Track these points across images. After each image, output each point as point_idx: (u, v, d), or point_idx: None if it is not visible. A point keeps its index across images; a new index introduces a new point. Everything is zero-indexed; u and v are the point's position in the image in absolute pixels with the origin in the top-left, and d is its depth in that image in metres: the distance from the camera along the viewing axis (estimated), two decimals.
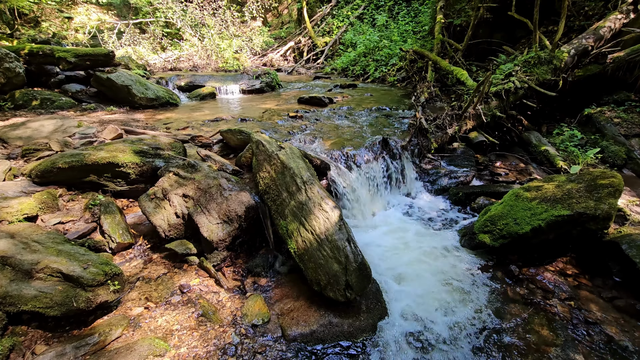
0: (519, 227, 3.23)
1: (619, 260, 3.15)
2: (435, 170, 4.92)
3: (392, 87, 8.69)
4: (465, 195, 4.39)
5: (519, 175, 5.04)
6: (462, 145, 5.44)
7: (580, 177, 3.52)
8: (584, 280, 3.17)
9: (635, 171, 5.00)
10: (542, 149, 5.37)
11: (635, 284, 2.94)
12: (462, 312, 2.80)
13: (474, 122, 5.59)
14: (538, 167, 5.25)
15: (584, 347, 2.50)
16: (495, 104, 5.68)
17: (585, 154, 5.01)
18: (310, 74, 11.60)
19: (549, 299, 2.94)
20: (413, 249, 3.54)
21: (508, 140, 6.07)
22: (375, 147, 4.57)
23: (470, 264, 3.35)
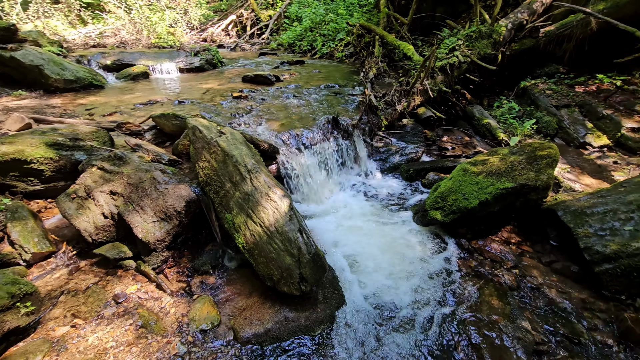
0: (468, 202, 3.29)
1: (556, 226, 3.36)
2: (387, 148, 4.89)
3: (341, 63, 8.48)
4: (415, 172, 4.42)
5: (464, 149, 5.19)
6: (411, 122, 5.45)
7: (521, 149, 3.65)
8: (526, 248, 3.34)
9: (565, 140, 5.39)
10: (485, 122, 5.57)
11: (570, 247, 3.15)
12: (419, 291, 2.81)
13: (421, 98, 5.61)
14: (481, 139, 5.45)
15: (529, 313, 2.63)
16: (441, 79, 5.74)
17: (522, 126, 5.28)
18: (255, 50, 10.95)
19: (496, 269, 3.05)
20: (368, 230, 3.49)
21: (453, 114, 6.22)
22: (326, 127, 4.38)
23: (424, 241, 3.37)
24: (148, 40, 9.53)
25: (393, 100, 5.28)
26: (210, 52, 8.19)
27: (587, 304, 2.71)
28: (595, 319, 2.59)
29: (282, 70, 7.70)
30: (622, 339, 2.43)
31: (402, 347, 2.38)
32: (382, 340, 2.43)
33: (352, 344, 2.39)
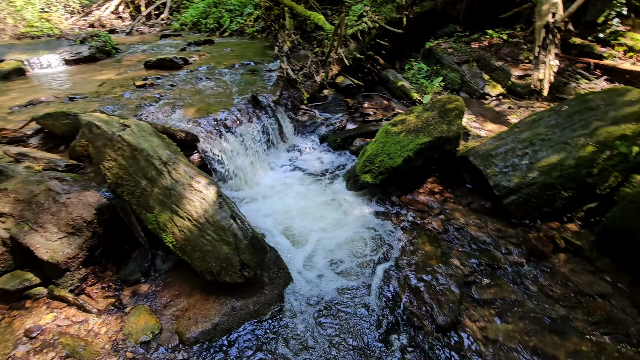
0: (393, 160, 3.46)
1: (469, 170, 3.72)
2: (312, 121, 4.87)
3: (253, 40, 8.09)
4: (343, 141, 4.50)
5: (385, 112, 5.42)
6: (332, 92, 5.49)
7: (433, 105, 3.91)
8: (447, 194, 3.66)
9: (468, 92, 5.94)
10: (399, 84, 5.85)
11: (482, 187, 3.52)
12: (360, 251, 2.92)
13: (338, 67, 5.65)
14: (398, 101, 5.74)
15: (457, 251, 2.92)
16: (354, 46, 5.82)
17: (432, 84, 5.67)
18: (155, 32, 9.87)
19: (425, 218, 3.30)
20: (304, 204, 3.49)
21: (370, 80, 6.41)
22: (247, 107, 4.18)
23: (359, 205, 3.49)
24: (16, 30, 7.97)
25: (311, 72, 5.23)
26: (100, 38, 7.16)
27: (501, 233, 3.09)
28: (508, 244, 2.97)
29: (190, 52, 7.08)
30: (530, 256, 2.84)
31: (352, 308, 2.48)
32: (332, 307, 2.49)
33: (304, 317, 2.41)
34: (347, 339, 2.28)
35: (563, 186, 3.10)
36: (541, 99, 5.17)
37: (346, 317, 2.41)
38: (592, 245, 2.89)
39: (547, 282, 2.63)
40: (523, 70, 5.71)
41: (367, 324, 2.37)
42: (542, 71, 4.60)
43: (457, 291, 2.49)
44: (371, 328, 2.34)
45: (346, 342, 2.27)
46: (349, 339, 2.28)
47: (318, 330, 2.33)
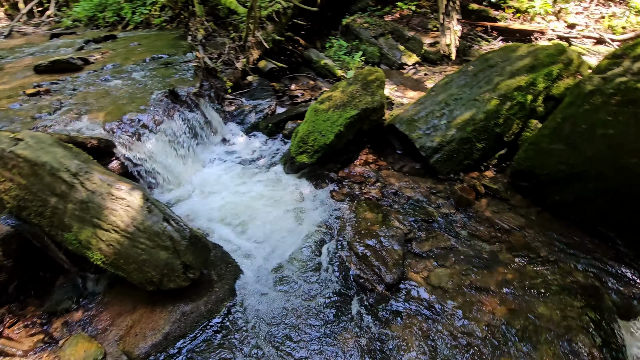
0: (326, 137, 3.51)
1: (398, 137, 3.93)
2: (240, 110, 4.71)
3: (162, 31, 7.47)
4: (274, 125, 4.43)
5: (312, 92, 5.43)
6: (256, 78, 5.34)
7: (355, 78, 4.01)
8: (381, 162, 3.84)
9: (388, 64, 6.20)
10: (322, 63, 5.89)
11: (411, 151, 3.74)
12: (306, 231, 2.96)
13: (259, 51, 5.49)
14: (324, 80, 5.79)
15: (395, 213, 3.09)
16: (272, 28, 5.69)
17: (353, 59, 5.80)
18: (42, 32, 8.60)
19: (364, 188, 3.44)
20: (243, 195, 3.40)
21: (294, 62, 6.35)
22: (166, 104, 3.89)
23: (299, 187, 3.50)
24: None
25: (230, 58, 5.01)
26: None
27: (431, 190, 3.35)
28: (439, 199, 3.23)
29: (89, 50, 6.31)
30: (458, 206, 3.13)
31: (305, 286, 2.52)
32: (285, 290, 2.50)
33: (259, 306, 2.39)
34: (305, 318, 2.32)
35: (477, 139, 3.43)
36: (451, 62, 5.60)
37: (301, 297, 2.45)
38: (506, 187, 3.26)
39: (474, 225, 2.93)
40: (433, 38, 6.11)
41: (322, 299, 2.43)
42: (448, 37, 4.97)
43: (400, 249, 2.66)
44: (326, 302, 2.41)
45: (305, 321, 2.31)
46: (307, 318, 2.32)
47: (274, 315, 2.34)
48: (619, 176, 2.57)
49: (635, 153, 2.48)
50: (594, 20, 6.11)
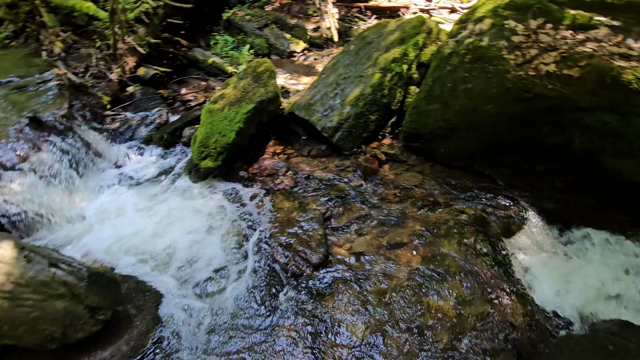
0: (227, 137, 3.40)
1: (300, 123, 4.00)
2: (126, 126, 4.26)
3: (6, 49, 6.26)
4: (170, 135, 4.12)
5: (206, 94, 5.18)
6: (139, 87, 4.86)
7: (245, 72, 3.94)
8: (289, 151, 3.88)
9: (278, 54, 6.22)
10: (210, 61, 5.63)
11: (315, 134, 3.85)
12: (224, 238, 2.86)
13: (135, 58, 4.99)
14: (216, 79, 5.55)
15: (311, 197, 3.19)
16: (144, 31, 5.21)
17: (242, 54, 5.68)
18: None
19: (276, 180, 3.45)
20: (150, 216, 3.13)
21: (179, 65, 5.94)
22: (26, 134, 3.30)
23: (209, 193, 3.35)
24: None
25: (101, 70, 4.47)
26: None
27: (339, 167, 3.52)
28: (348, 174, 3.42)
29: None
30: (365, 176, 3.35)
31: (235, 293, 2.46)
32: (216, 303, 2.41)
33: (189, 327, 2.26)
34: (241, 322, 2.28)
35: (369, 111, 3.69)
36: (336, 44, 5.87)
37: (233, 302, 2.39)
38: (402, 150, 3.61)
39: (381, 190, 3.19)
40: (315, 23, 6.30)
41: (254, 299, 2.41)
42: (327, 20, 5.18)
43: (321, 229, 2.77)
44: (259, 300, 2.40)
45: (241, 325, 2.27)
46: (243, 322, 2.28)
47: (209, 330, 2.24)
48: (481, 122, 3.05)
49: (489, 100, 2.96)
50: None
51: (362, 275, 2.48)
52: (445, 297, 2.31)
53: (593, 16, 2.93)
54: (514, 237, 2.77)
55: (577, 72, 2.71)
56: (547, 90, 2.75)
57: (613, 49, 2.75)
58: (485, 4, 3.33)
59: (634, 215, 2.75)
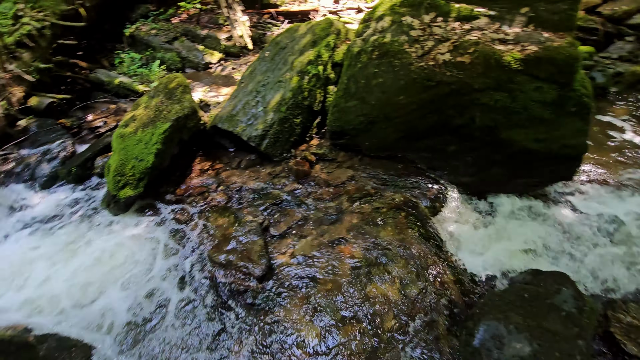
0: (145, 161, 3.16)
1: (224, 135, 3.87)
2: (24, 164, 3.73)
3: None
4: (80, 168, 3.70)
5: (117, 118, 4.75)
6: (33, 120, 4.29)
7: (156, 90, 3.70)
8: (218, 166, 3.74)
9: (193, 67, 5.96)
10: (117, 82, 5.19)
11: (242, 145, 3.76)
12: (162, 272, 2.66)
13: (23, 87, 4.39)
14: (127, 100, 5.14)
15: (244, 207, 3.11)
16: (31, 56, 4.60)
17: (152, 70, 5.33)
18: None
19: (207, 197, 3.30)
20: (68, 263, 2.77)
21: (81, 89, 5.37)
22: None
23: (133, 225, 3.08)
24: None
25: None
26: None
27: (272, 174, 3.48)
28: (281, 180, 3.40)
29: None
30: (298, 180, 3.37)
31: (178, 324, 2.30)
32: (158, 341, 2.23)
33: None
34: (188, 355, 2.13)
35: (293, 115, 3.72)
36: (251, 52, 5.81)
37: (176, 336, 2.22)
38: (330, 149, 3.70)
39: (316, 191, 3.23)
40: (227, 33, 6.16)
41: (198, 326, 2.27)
42: (239, 29, 5.11)
43: (260, 240, 2.71)
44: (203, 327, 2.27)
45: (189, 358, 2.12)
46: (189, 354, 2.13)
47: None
48: (397, 113, 3.25)
49: (400, 91, 3.17)
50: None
51: (308, 278, 2.49)
52: (388, 282, 2.41)
53: (474, 8, 3.29)
54: (440, 214, 3.00)
55: (468, 59, 3.03)
56: (446, 77, 3.03)
57: (493, 35, 3.13)
58: (384, 2, 3.56)
59: (531, 177, 3.17)
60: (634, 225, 2.88)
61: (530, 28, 3.12)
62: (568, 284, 1.94)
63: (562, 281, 1.96)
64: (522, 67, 2.87)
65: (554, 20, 3.07)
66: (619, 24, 6.20)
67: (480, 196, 3.21)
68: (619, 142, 3.89)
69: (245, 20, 5.25)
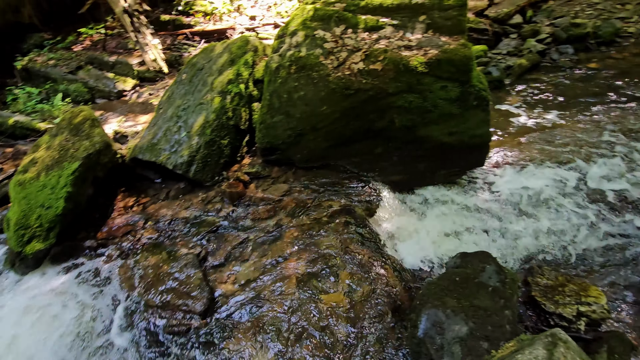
0: (54, 208, 2.80)
1: (148, 166, 3.62)
2: None
3: None
4: None
5: (16, 162, 4.18)
6: None
7: (59, 127, 3.33)
8: (144, 200, 3.47)
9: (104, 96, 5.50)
10: (12, 122, 4.58)
11: (169, 174, 3.54)
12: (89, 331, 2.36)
13: None
14: (26, 141, 4.55)
15: (177, 240, 2.91)
16: None
17: (54, 105, 4.80)
18: None
19: (135, 236, 3.03)
20: None
21: None
22: None
23: (48, 284, 2.70)
24: None
25: None
26: None
27: (204, 200, 3.32)
28: (215, 205, 3.26)
29: None
30: (233, 202, 3.26)
31: None
32: None
33: None
34: None
35: (220, 137, 3.61)
36: (168, 75, 5.55)
37: None
38: (263, 166, 3.64)
39: (253, 211, 3.15)
40: (139, 57, 5.82)
41: None
42: (150, 52, 4.84)
43: (198, 272, 2.55)
44: None
45: None
46: None
47: None
48: (322, 123, 3.33)
49: (322, 102, 3.25)
50: (266, 9, 7.44)
51: (254, 303, 2.40)
52: (334, 291, 2.43)
53: (379, 18, 3.53)
54: (376, 214, 3.12)
55: (380, 66, 3.22)
56: (362, 85, 3.19)
57: (399, 42, 3.37)
58: (295, 18, 3.66)
59: (451, 167, 3.47)
60: (536, 198, 3.30)
61: (430, 34, 3.42)
62: (490, 261, 2.14)
63: (486, 259, 2.15)
64: (427, 69, 3.13)
65: (448, 26, 3.40)
66: (503, 24, 7.15)
67: (410, 191, 3.41)
68: (517, 126, 4.44)
69: (157, 43, 5.00)
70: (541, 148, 3.91)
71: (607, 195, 3.33)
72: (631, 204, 3.23)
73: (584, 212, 3.19)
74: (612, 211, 3.21)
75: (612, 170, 3.53)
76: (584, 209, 3.22)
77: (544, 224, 3.14)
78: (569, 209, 3.23)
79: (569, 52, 6.09)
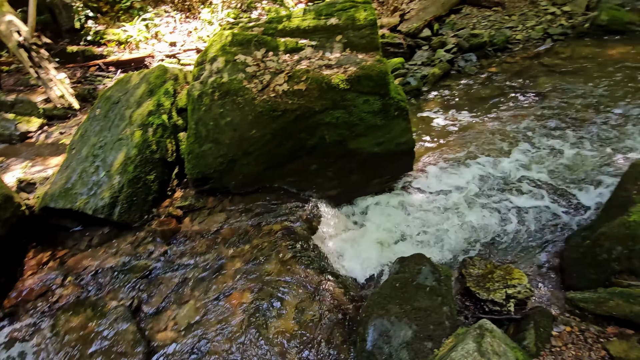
0: None
1: (63, 214, 3.25)
2: None
3: None
4: None
5: None
6: None
7: None
8: (61, 253, 3.10)
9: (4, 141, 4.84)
10: None
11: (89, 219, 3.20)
12: None
13: None
14: None
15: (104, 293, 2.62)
16: None
17: None
18: None
19: (52, 297, 2.66)
20: None
21: None
22: None
23: None
24: None
25: None
26: None
27: (134, 243, 3.06)
28: (146, 247, 3.01)
29: None
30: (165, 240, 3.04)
31: None
32: None
33: None
34: None
35: (145, 172, 3.37)
36: (81, 111, 5.09)
37: None
38: (196, 197, 3.48)
39: (189, 246, 2.97)
40: (43, 94, 5.26)
41: None
42: (56, 88, 4.40)
43: (132, 326, 2.31)
44: None
45: None
46: None
47: None
48: (254, 147, 3.29)
49: (251, 126, 3.22)
50: (186, 35, 7.26)
51: (199, 347, 2.23)
52: (283, 316, 2.36)
53: (298, 40, 3.62)
54: (318, 231, 3.13)
55: (304, 86, 3.29)
56: (289, 105, 3.23)
57: (319, 62, 3.49)
58: (213, 44, 3.61)
59: (383, 175, 3.64)
60: (463, 194, 3.59)
61: (347, 52, 3.59)
62: (425, 262, 2.26)
63: (421, 261, 2.27)
64: (349, 86, 3.27)
65: (362, 44, 3.61)
66: (415, 37, 7.82)
67: (348, 203, 3.50)
68: (438, 130, 4.83)
69: (64, 77, 4.57)
70: (460, 147, 4.29)
71: (522, 185, 3.73)
72: (545, 190, 3.65)
73: (505, 203, 3.53)
74: (529, 198, 3.59)
75: (523, 161, 3.98)
76: (504, 200, 3.57)
77: (471, 217, 3.41)
78: (492, 200, 3.56)
79: (472, 59, 6.84)
